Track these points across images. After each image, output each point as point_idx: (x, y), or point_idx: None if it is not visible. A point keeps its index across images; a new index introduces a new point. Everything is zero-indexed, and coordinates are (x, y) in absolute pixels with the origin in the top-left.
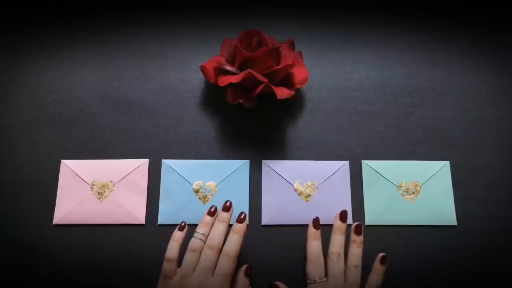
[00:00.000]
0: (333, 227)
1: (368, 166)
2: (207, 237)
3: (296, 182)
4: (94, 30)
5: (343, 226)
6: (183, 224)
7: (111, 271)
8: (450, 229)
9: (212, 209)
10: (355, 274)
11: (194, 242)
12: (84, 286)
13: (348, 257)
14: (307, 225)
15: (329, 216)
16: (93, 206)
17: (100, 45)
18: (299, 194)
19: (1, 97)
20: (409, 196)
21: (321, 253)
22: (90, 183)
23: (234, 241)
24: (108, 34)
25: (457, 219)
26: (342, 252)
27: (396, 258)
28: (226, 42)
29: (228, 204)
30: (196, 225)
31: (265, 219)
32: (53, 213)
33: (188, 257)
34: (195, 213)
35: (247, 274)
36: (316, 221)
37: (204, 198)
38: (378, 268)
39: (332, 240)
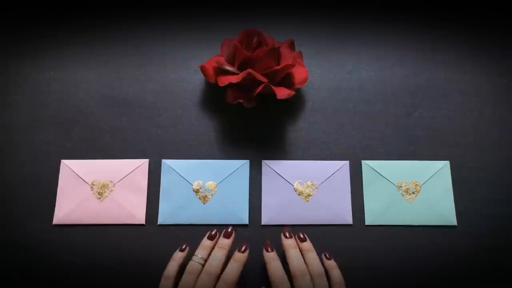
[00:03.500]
0: (283, 245)
1: (368, 166)
2: (205, 260)
3: (296, 182)
4: (94, 30)
5: (291, 241)
6: (184, 246)
7: (111, 271)
8: (450, 229)
9: (213, 233)
10: (321, 285)
11: (192, 266)
12: (84, 286)
13: (308, 266)
14: (307, 225)
15: (329, 216)
16: (93, 206)
17: (100, 45)
18: (299, 194)
19: (1, 97)
20: (409, 196)
21: (284, 273)
22: (90, 183)
23: (234, 269)
24: (108, 34)
25: (457, 219)
26: (303, 266)
27: (396, 258)
28: (226, 42)
29: (229, 230)
30: (196, 225)
31: (265, 219)
32: (53, 213)
33: (186, 279)
34: (195, 213)
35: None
36: (268, 245)
37: (204, 198)
38: (329, 264)
39: (288, 258)
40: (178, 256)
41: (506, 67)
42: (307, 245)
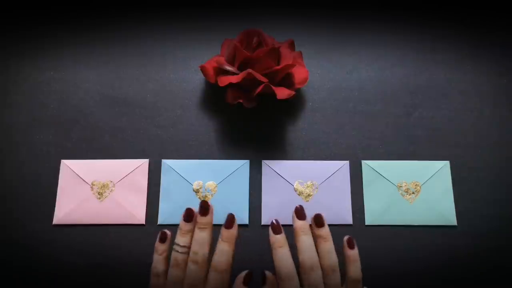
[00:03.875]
0: (294, 229)
1: (368, 166)
2: (189, 247)
3: (296, 182)
4: (94, 30)
5: (305, 224)
6: (164, 234)
7: (111, 271)
8: (450, 229)
9: (187, 214)
10: (334, 281)
11: (175, 257)
12: (84, 286)
13: (320, 258)
14: None
15: (329, 216)
16: (93, 206)
17: (100, 45)
18: (299, 194)
19: (1, 97)
20: (409, 196)
21: (293, 265)
22: (90, 183)
23: (223, 252)
24: (108, 34)
25: (457, 219)
26: (316, 258)
27: (396, 258)
28: (226, 42)
29: (204, 205)
30: None
31: (265, 219)
32: (53, 213)
33: (172, 273)
34: None
35: (246, 283)
36: (276, 226)
37: (204, 198)
38: (351, 256)
39: (298, 245)
40: (161, 248)
41: (506, 67)
42: (325, 232)
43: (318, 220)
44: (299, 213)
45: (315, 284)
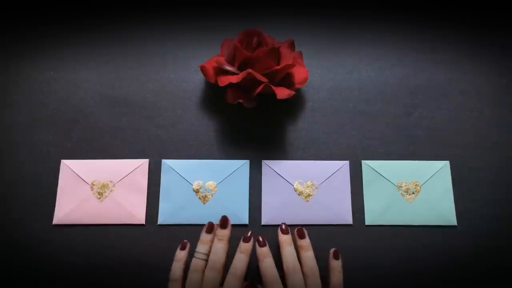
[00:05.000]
0: (279, 242)
1: (368, 166)
2: (208, 255)
3: (296, 182)
4: (94, 30)
5: (287, 237)
6: (184, 243)
7: (111, 271)
8: (450, 229)
9: (210, 226)
10: (314, 283)
11: (196, 263)
12: (84, 286)
13: (302, 265)
14: (307, 225)
15: (329, 216)
16: (93, 206)
17: (100, 45)
18: (299, 194)
19: (1, 97)
20: (409, 196)
21: (276, 272)
22: (90, 183)
23: (241, 261)
24: (108, 34)
25: (457, 219)
26: (297, 264)
27: (396, 258)
28: (226, 42)
29: (224, 219)
30: (196, 225)
31: (265, 219)
32: (53, 213)
33: (192, 277)
34: (195, 213)
35: None
36: (261, 240)
37: (204, 198)
38: (335, 266)
39: (282, 255)
40: (181, 255)
41: (506, 67)
42: (305, 243)
43: (300, 233)
44: (284, 230)
45: (297, 285)
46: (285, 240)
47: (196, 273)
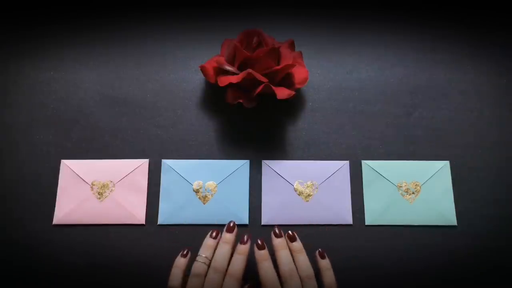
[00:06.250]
0: (273, 245)
1: (368, 166)
2: (210, 260)
3: (296, 182)
4: (94, 30)
5: (281, 240)
6: (185, 251)
7: (111, 271)
8: (450, 229)
9: (214, 233)
10: (312, 286)
11: (198, 267)
12: (84, 286)
13: (297, 268)
14: (307, 225)
15: (329, 216)
16: (93, 206)
17: (100, 45)
18: (299, 194)
19: (1, 97)
20: (409, 196)
21: (275, 275)
22: (90, 183)
23: (239, 262)
24: (108, 34)
25: (457, 219)
26: (293, 268)
27: (396, 258)
28: (226, 42)
29: (232, 224)
30: (196, 225)
31: (265, 219)
32: (53, 213)
33: (193, 282)
34: (195, 213)
35: None
36: (259, 243)
37: (204, 198)
38: (323, 265)
39: (278, 259)
40: (180, 263)
41: (506, 67)
42: (297, 245)
43: (290, 236)
44: (277, 234)
45: None
46: (279, 243)
47: (197, 277)
